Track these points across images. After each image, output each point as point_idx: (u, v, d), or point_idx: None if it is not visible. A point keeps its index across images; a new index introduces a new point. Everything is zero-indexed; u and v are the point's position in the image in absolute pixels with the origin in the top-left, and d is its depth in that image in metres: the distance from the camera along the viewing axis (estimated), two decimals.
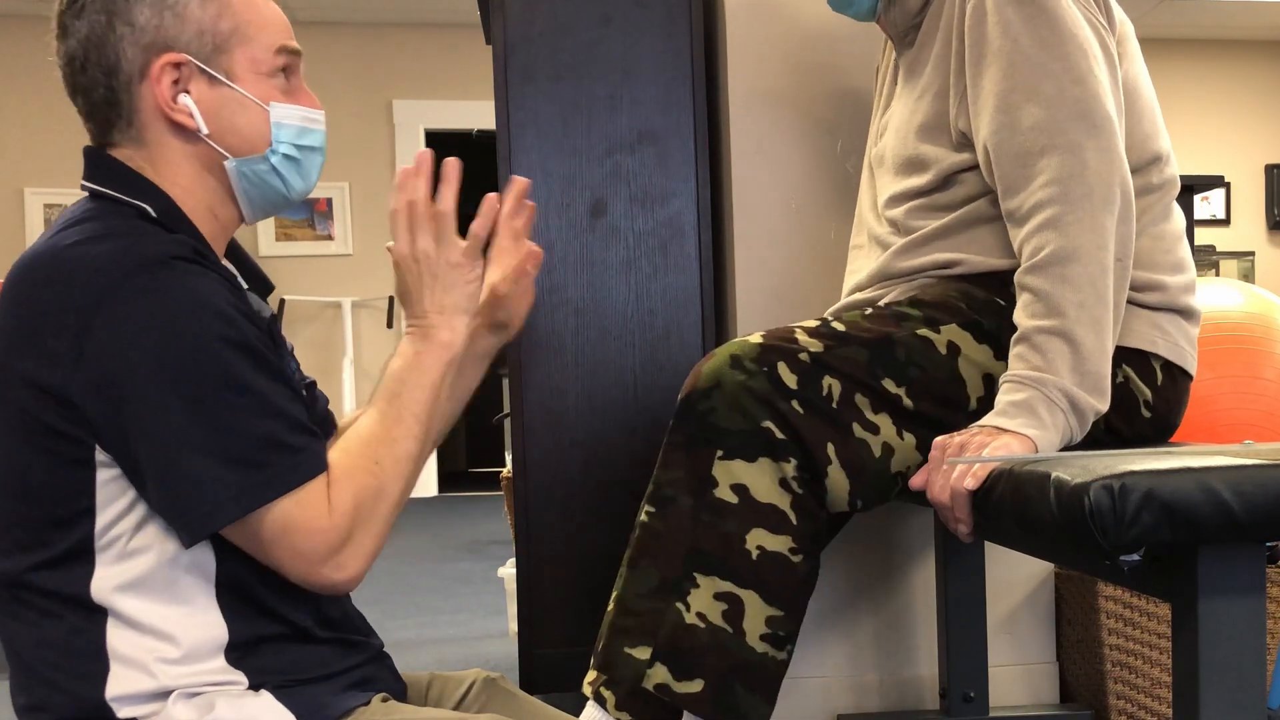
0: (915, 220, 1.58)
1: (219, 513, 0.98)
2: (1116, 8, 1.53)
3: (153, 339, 0.97)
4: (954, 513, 1.34)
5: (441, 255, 1.11)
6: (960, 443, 1.34)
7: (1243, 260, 7.10)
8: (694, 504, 1.40)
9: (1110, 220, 1.38)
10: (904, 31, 1.63)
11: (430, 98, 6.54)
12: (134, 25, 1.06)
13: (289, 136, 1.13)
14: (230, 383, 0.98)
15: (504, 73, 2.08)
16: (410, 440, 1.07)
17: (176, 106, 1.08)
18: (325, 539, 1.00)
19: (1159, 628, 1.89)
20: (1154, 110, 1.56)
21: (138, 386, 0.97)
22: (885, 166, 1.66)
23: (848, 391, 1.43)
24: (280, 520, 0.99)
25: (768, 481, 1.39)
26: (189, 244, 1.03)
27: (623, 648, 1.40)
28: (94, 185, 1.09)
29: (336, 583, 1.02)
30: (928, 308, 1.50)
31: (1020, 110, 1.42)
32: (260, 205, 1.16)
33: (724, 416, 1.40)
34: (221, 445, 0.97)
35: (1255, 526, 1.07)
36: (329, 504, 1.01)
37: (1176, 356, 1.51)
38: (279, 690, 1.04)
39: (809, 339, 1.45)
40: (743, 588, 1.38)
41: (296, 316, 6.28)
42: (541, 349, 2.09)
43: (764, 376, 1.41)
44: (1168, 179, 1.55)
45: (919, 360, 1.45)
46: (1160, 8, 6.32)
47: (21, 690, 1.05)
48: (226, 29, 1.09)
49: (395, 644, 2.93)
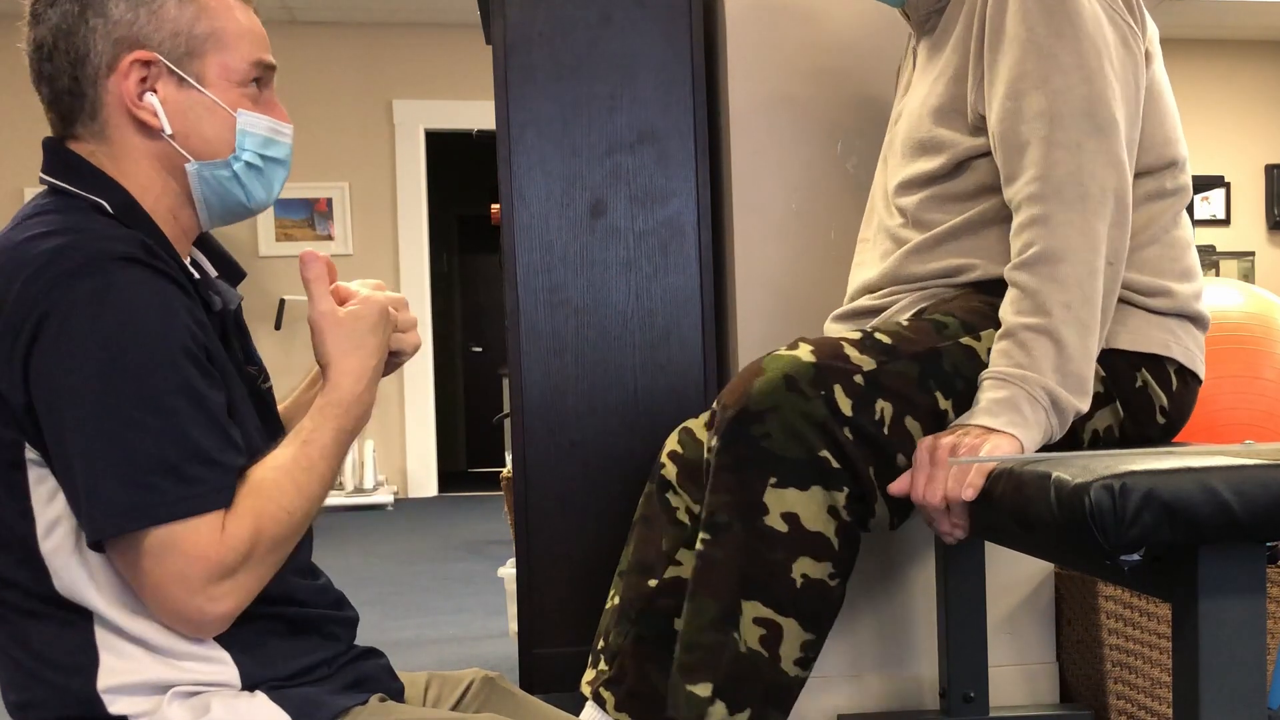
0: (926, 213, 1.56)
1: (107, 527, 0.96)
2: (1148, 13, 1.52)
3: (80, 346, 0.96)
4: (950, 517, 1.34)
5: (343, 325, 1.13)
6: (950, 444, 1.34)
7: (1243, 260, 7.10)
8: (744, 530, 1.37)
9: (1103, 225, 1.38)
10: (926, 16, 1.63)
11: (430, 98, 6.54)
12: (107, 17, 1.06)
13: (254, 145, 1.12)
14: (144, 401, 0.96)
15: (504, 73, 2.08)
16: (315, 486, 1.06)
17: (141, 104, 1.07)
18: (207, 566, 0.97)
19: (1159, 628, 1.89)
20: (1174, 116, 1.56)
21: (57, 392, 0.96)
22: (896, 150, 1.65)
23: (899, 414, 1.40)
24: (163, 539, 0.97)
25: (816, 509, 1.37)
26: (138, 240, 1.02)
27: (685, 685, 1.37)
28: (51, 179, 1.08)
29: (206, 615, 0.99)
30: (962, 314, 1.48)
31: (1027, 98, 1.42)
32: (219, 212, 1.15)
33: (780, 444, 1.36)
34: (119, 464, 0.96)
35: (1255, 526, 1.07)
36: (223, 532, 0.98)
37: (1189, 360, 1.51)
38: (274, 691, 1.04)
39: (860, 355, 1.41)
40: (783, 615, 1.37)
41: (297, 316, 6.27)
42: (541, 349, 2.09)
43: (821, 401, 1.37)
44: (1181, 185, 1.54)
45: (964, 371, 1.43)
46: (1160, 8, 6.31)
47: (12, 688, 1.04)
48: (202, 33, 1.08)
49: (395, 644, 2.93)
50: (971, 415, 1.36)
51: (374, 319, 1.14)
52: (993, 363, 1.38)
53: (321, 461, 1.07)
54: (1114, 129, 1.40)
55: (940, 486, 1.32)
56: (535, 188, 2.08)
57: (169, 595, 0.98)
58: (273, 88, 1.15)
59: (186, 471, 0.97)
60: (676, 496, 1.63)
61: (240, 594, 1.00)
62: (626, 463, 2.06)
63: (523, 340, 2.08)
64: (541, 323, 2.09)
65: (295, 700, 1.04)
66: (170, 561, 0.97)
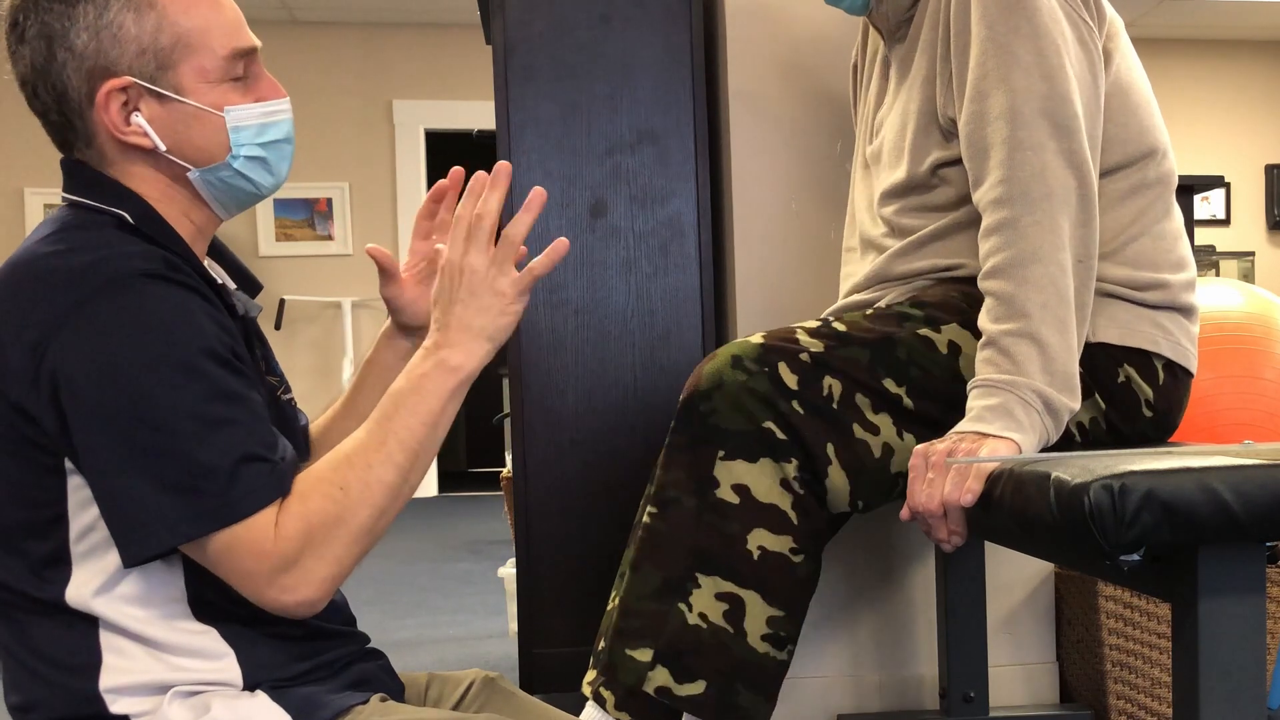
0: (906, 220, 1.58)
1: (155, 540, 0.97)
2: (1106, 3, 1.53)
3: (108, 360, 0.96)
4: (947, 523, 1.34)
5: (489, 276, 1.06)
6: (946, 449, 1.34)
7: (1243, 260, 7.10)
8: (696, 504, 1.40)
9: (1067, 223, 1.38)
10: (896, 26, 1.63)
11: (430, 98, 6.54)
12: (74, 51, 1.03)
13: (249, 138, 1.10)
14: (181, 408, 0.96)
15: (504, 73, 2.08)
16: (388, 467, 1.02)
17: (129, 129, 1.06)
18: (268, 562, 0.98)
19: (1159, 628, 1.89)
20: (1149, 104, 1.56)
21: (87, 407, 0.96)
22: (883, 162, 1.66)
23: (848, 392, 1.43)
24: (223, 542, 0.97)
25: (769, 482, 1.40)
26: (159, 256, 1.01)
27: (624, 649, 1.39)
28: (73, 196, 1.08)
29: (285, 605, 1.00)
30: (929, 308, 1.50)
31: (989, 99, 1.43)
32: (232, 205, 1.14)
33: (725, 417, 1.40)
34: (161, 472, 0.96)
35: (1255, 526, 1.07)
36: (276, 527, 0.98)
37: (1178, 355, 1.51)
38: (274, 690, 1.04)
39: (810, 339, 1.45)
40: (744, 588, 1.38)
41: (296, 317, 6.28)
42: (541, 349, 2.09)
43: (765, 377, 1.41)
44: (1165, 172, 1.54)
45: (920, 360, 1.45)
46: (1160, 8, 6.32)
47: (14, 688, 1.04)
48: (168, 43, 1.05)
49: (395, 644, 2.93)
50: (965, 423, 1.36)
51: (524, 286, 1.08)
52: (978, 372, 1.38)
53: (399, 435, 1.03)
54: (1075, 125, 1.41)
55: (938, 492, 1.32)
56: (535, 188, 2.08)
57: (248, 590, 0.99)
58: (259, 63, 1.12)
59: (236, 471, 0.97)
60: None
61: (313, 581, 0.99)
62: (626, 463, 2.06)
63: (523, 340, 2.08)
64: (541, 323, 2.09)
65: (296, 700, 1.04)
66: (232, 562, 0.98)
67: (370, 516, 1.02)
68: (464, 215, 1.07)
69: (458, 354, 1.06)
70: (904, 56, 1.62)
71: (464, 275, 1.06)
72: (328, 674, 1.10)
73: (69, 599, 1.01)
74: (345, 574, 1.02)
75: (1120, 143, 1.50)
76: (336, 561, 1.00)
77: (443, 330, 1.06)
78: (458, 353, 1.06)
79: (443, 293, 1.07)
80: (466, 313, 1.06)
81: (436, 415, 1.05)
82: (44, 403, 0.97)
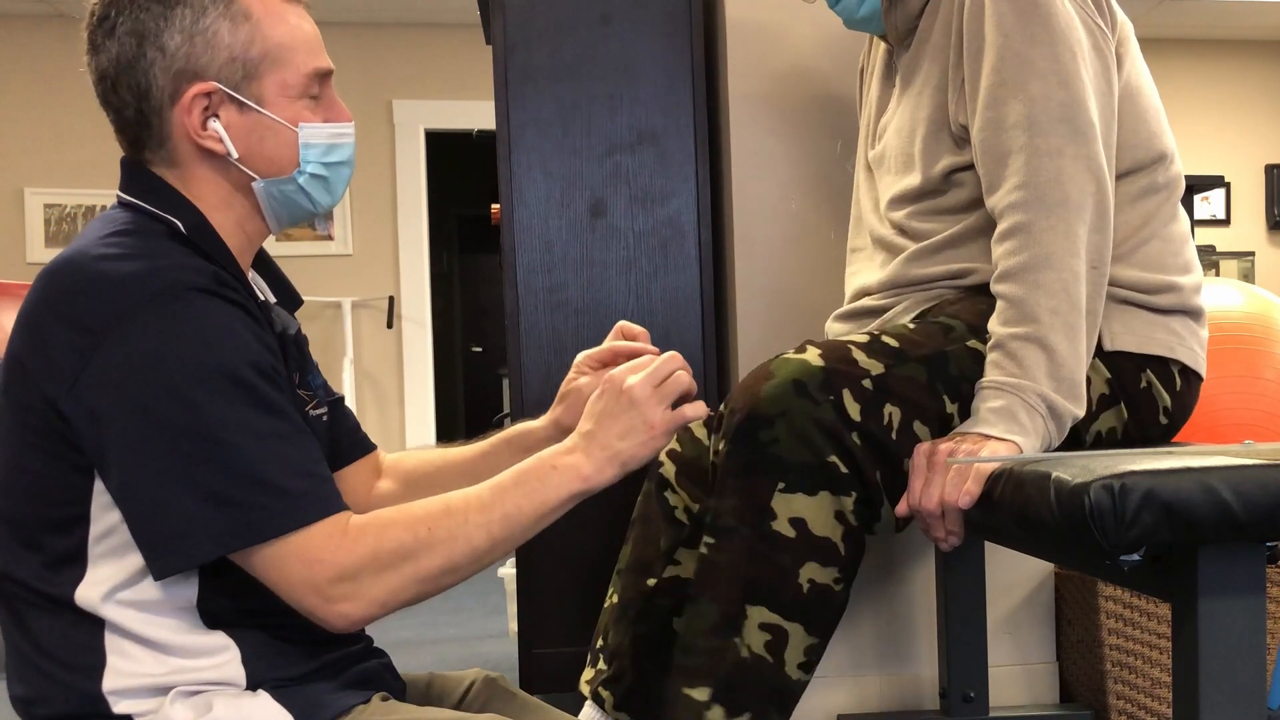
0: (919, 223, 1.57)
1: (195, 552, 0.97)
2: (1118, 8, 1.52)
3: (154, 370, 0.96)
4: (945, 523, 1.34)
5: (647, 405, 1.09)
6: (948, 449, 1.34)
7: (1243, 260, 7.10)
8: (751, 534, 1.36)
9: (1083, 229, 1.38)
10: (904, 33, 1.63)
11: (430, 98, 6.54)
12: (165, 51, 1.06)
13: (316, 156, 1.13)
14: (230, 420, 0.97)
15: (504, 73, 2.08)
16: (482, 531, 1.04)
17: (206, 134, 1.08)
18: (323, 570, 0.98)
19: (1159, 628, 1.89)
20: (1157, 110, 1.56)
21: (128, 415, 0.96)
22: (887, 167, 1.65)
23: (907, 419, 1.40)
24: (270, 553, 0.98)
25: (825, 515, 1.36)
26: (210, 271, 1.03)
27: (682, 688, 1.36)
28: (129, 198, 1.09)
29: (328, 615, 1.00)
30: (966, 317, 1.48)
31: (1005, 106, 1.42)
32: (286, 220, 1.17)
33: (788, 448, 1.35)
34: (206, 482, 0.96)
35: (1255, 526, 1.07)
36: (344, 537, 0.99)
37: (1192, 360, 1.51)
38: (277, 690, 1.04)
39: (868, 359, 1.41)
40: (790, 620, 1.36)
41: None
42: (541, 349, 2.09)
43: (830, 406, 1.36)
44: (1173, 178, 1.54)
45: (970, 375, 1.43)
46: (1160, 8, 6.32)
47: (19, 682, 1.05)
48: (257, 55, 1.08)
49: (395, 644, 2.93)
50: (969, 424, 1.36)
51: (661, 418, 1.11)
52: (986, 374, 1.38)
53: (506, 508, 1.05)
54: (1092, 132, 1.40)
55: (937, 491, 1.32)
56: (535, 188, 2.08)
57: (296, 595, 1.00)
58: (331, 86, 1.16)
59: (283, 484, 0.98)
60: (675, 495, 1.62)
61: (365, 599, 1.00)
62: None
63: (523, 340, 2.08)
64: (541, 322, 2.09)
65: (298, 699, 1.04)
66: (287, 570, 0.98)
67: (440, 567, 1.03)
68: (657, 359, 1.12)
69: (590, 466, 1.09)
70: (910, 62, 1.62)
71: (624, 396, 1.09)
72: (330, 673, 1.10)
73: (78, 599, 1.01)
74: (396, 607, 1.02)
75: (1131, 148, 1.50)
76: (392, 592, 1.01)
77: (587, 439, 1.10)
78: (591, 465, 1.09)
79: (599, 405, 1.10)
80: (614, 431, 1.09)
81: (546, 509, 1.08)
82: (82, 406, 0.97)
